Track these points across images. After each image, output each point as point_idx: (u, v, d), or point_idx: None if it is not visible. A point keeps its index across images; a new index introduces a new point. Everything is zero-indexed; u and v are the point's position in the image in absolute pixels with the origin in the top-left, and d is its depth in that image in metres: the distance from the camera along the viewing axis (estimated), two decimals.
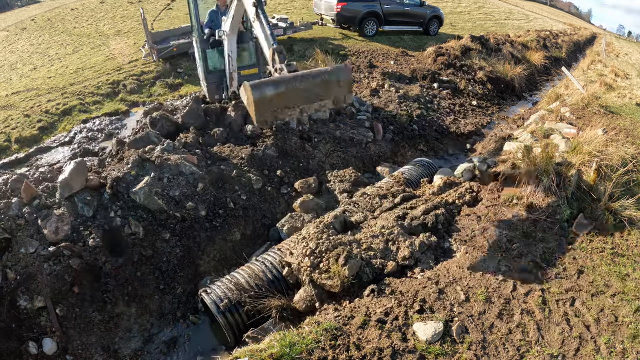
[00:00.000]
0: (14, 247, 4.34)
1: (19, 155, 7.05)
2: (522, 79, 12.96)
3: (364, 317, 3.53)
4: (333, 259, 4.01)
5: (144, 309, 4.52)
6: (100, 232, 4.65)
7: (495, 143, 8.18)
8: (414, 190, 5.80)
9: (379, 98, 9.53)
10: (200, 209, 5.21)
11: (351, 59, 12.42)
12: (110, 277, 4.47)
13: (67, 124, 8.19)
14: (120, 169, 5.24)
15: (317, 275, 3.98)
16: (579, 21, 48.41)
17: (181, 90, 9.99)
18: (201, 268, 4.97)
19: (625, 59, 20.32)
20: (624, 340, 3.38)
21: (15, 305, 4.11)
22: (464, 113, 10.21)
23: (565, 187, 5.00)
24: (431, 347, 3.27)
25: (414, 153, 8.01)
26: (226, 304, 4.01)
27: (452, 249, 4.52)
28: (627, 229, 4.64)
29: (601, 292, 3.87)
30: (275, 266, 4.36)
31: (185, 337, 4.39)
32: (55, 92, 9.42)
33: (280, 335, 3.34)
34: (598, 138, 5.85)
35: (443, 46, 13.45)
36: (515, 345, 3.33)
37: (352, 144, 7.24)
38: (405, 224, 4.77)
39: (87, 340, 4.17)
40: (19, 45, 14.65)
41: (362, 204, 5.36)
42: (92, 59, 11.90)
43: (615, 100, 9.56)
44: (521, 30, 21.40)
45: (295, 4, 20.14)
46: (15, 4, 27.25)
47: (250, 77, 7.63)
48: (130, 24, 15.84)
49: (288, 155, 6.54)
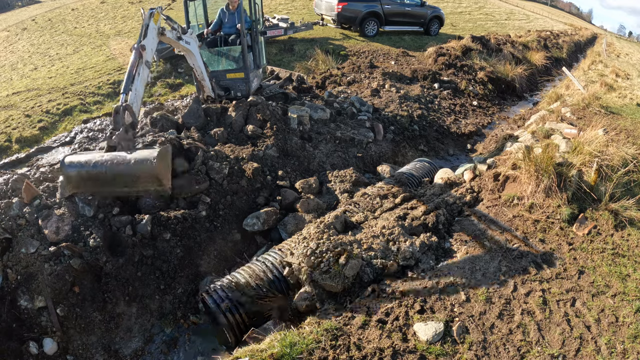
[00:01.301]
0: (14, 247, 4.35)
1: (19, 155, 7.06)
2: (522, 79, 12.96)
3: (364, 317, 3.53)
4: (333, 258, 4.01)
5: (144, 308, 4.52)
6: (101, 232, 4.65)
7: (496, 143, 8.18)
8: (414, 190, 5.80)
9: (380, 98, 9.53)
10: (201, 209, 5.21)
11: (351, 58, 12.43)
12: (111, 276, 4.47)
13: (68, 123, 8.20)
14: None
15: (317, 275, 3.98)
16: (579, 21, 48.39)
17: (181, 90, 9.99)
18: (201, 268, 4.97)
19: (625, 59, 20.31)
20: (625, 341, 3.38)
21: (16, 305, 4.12)
22: (464, 113, 10.21)
23: (565, 187, 4.99)
24: (431, 347, 3.27)
25: (415, 153, 8.01)
26: (227, 303, 4.01)
27: (453, 249, 4.52)
28: (628, 229, 4.64)
29: (601, 293, 3.87)
30: (276, 266, 4.36)
31: (185, 337, 4.39)
32: (55, 92, 9.43)
33: (281, 335, 3.34)
34: (598, 138, 5.84)
35: (443, 46, 13.45)
36: (516, 345, 3.33)
37: (352, 144, 7.24)
38: (406, 224, 4.77)
39: (87, 340, 4.17)
40: (19, 45, 14.66)
41: (363, 203, 5.37)
42: (93, 58, 11.91)
43: (615, 100, 9.56)
44: (522, 30, 21.39)
45: (296, 4, 20.14)
46: (15, 3, 27.27)
47: (236, 80, 7.61)
48: (131, 24, 15.85)
49: (288, 155, 6.54)
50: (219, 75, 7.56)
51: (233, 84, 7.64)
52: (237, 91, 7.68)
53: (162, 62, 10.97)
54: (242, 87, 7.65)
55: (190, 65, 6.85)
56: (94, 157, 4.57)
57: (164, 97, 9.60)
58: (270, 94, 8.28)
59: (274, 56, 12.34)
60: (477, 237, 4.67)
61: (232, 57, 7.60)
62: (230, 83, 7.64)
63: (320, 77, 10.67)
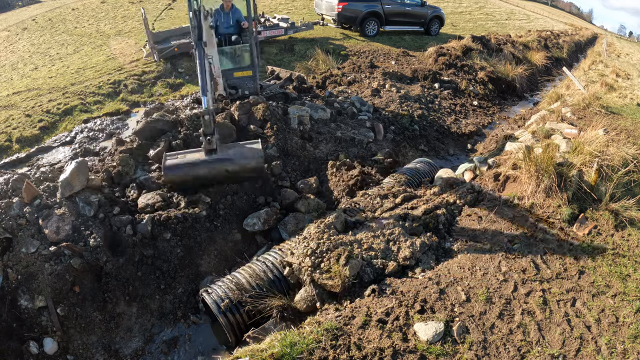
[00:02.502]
0: (14, 247, 4.35)
1: (19, 155, 7.06)
2: (523, 79, 12.96)
3: (364, 316, 3.53)
4: (334, 258, 4.01)
5: (144, 308, 4.53)
6: (101, 232, 4.66)
7: (496, 143, 8.18)
8: (414, 190, 5.79)
9: (380, 98, 9.53)
10: (201, 208, 5.21)
11: (352, 58, 12.42)
12: (111, 276, 4.48)
13: (68, 123, 8.20)
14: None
15: (317, 275, 3.98)
16: (580, 21, 48.36)
17: (182, 90, 10.00)
18: (202, 268, 4.97)
19: (626, 59, 20.30)
20: (625, 341, 3.38)
21: (16, 305, 4.12)
22: (464, 113, 10.20)
23: (566, 187, 4.99)
24: (432, 347, 3.27)
25: (415, 153, 8.01)
26: (227, 303, 4.01)
27: (453, 249, 4.52)
28: (628, 229, 4.64)
29: (602, 293, 3.87)
30: (276, 266, 4.36)
31: (185, 337, 4.39)
32: (56, 91, 9.43)
33: (281, 335, 3.34)
34: (599, 138, 5.84)
35: (444, 46, 13.45)
36: (516, 345, 3.33)
37: (353, 144, 7.24)
38: (406, 224, 4.77)
39: (87, 339, 4.17)
40: (19, 44, 14.66)
41: (363, 203, 5.37)
42: (93, 58, 11.91)
43: (616, 100, 9.55)
44: (522, 30, 21.38)
45: (296, 4, 20.14)
46: (16, 3, 27.26)
47: (245, 78, 7.65)
48: (131, 24, 15.85)
49: (289, 155, 6.54)
50: (226, 75, 7.60)
51: (241, 82, 7.69)
52: (245, 89, 7.73)
53: (163, 62, 10.97)
54: (250, 85, 7.71)
55: (207, 61, 6.94)
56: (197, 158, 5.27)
57: (164, 97, 9.60)
58: (271, 93, 8.29)
59: (274, 56, 12.34)
60: (477, 237, 4.67)
61: (238, 56, 7.62)
62: (238, 82, 7.69)
63: (320, 77, 10.67)
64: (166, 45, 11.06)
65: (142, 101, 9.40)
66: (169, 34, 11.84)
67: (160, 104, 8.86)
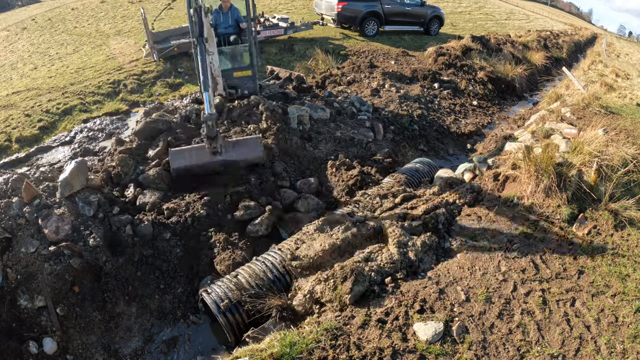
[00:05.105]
0: (14, 247, 4.34)
1: (19, 155, 7.05)
2: (522, 78, 12.96)
3: (364, 316, 3.53)
4: (340, 279, 3.90)
5: (144, 308, 4.52)
6: (101, 232, 4.65)
7: (496, 143, 8.18)
8: (414, 190, 5.79)
9: (380, 98, 9.53)
10: (202, 208, 5.21)
11: (351, 58, 12.42)
12: (111, 276, 4.47)
13: (68, 123, 8.20)
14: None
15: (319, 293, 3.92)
16: (579, 21, 48.38)
17: (182, 90, 9.99)
18: (202, 267, 4.97)
19: (625, 59, 20.31)
20: (624, 341, 3.38)
21: (16, 305, 4.12)
22: (464, 113, 10.20)
23: (565, 187, 4.99)
24: (431, 346, 3.27)
25: (415, 153, 8.01)
26: (226, 303, 4.01)
27: (453, 249, 4.52)
28: (628, 229, 4.64)
29: (601, 292, 3.87)
30: (276, 266, 4.36)
31: (185, 337, 4.39)
32: (55, 91, 9.43)
33: (281, 334, 3.34)
34: (598, 138, 5.84)
35: (443, 46, 13.45)
36: (516, 345, 3.33)
37: (352, 144, 7.24)
38: (406, 223, 4.77)
39: (87, 339, 4.17)
40: (19, 44, 14.65)
41: (363, 203, 5.36)
42: (93, 58, 11.91)
43: (615, 100, 9.56)
44: (522, 30, 21.39)
45: (296, 4, 20.14)
46: (15, 3, 27.24)
47: (244, 78, 7.65)
48: (131, 24, 15.85)
49: (288, 155, 6.54)
50: (226, 75, 7.59)
51: (240, 82, 7.68)
52: (245, 89, 7.71)
53: (162, 62, 10.97)
54: (249, 84, 7.70)
55: (207, 61, 6.93)
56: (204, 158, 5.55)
57: (163, 97, 9.60)
58: (270, 93, 8.29)
59: (274, 56, 12.33)
60: (477, 237, 4.67)
61: (238, 55, 7.61)
62: (238, 82, 7.68)
63: (320, 77, 10.66)
64: (166, 45, 11.05)
65: (142, 101, 9.40)
66: (168, 33, 11.83)
67: (160, 104, 8.87)
